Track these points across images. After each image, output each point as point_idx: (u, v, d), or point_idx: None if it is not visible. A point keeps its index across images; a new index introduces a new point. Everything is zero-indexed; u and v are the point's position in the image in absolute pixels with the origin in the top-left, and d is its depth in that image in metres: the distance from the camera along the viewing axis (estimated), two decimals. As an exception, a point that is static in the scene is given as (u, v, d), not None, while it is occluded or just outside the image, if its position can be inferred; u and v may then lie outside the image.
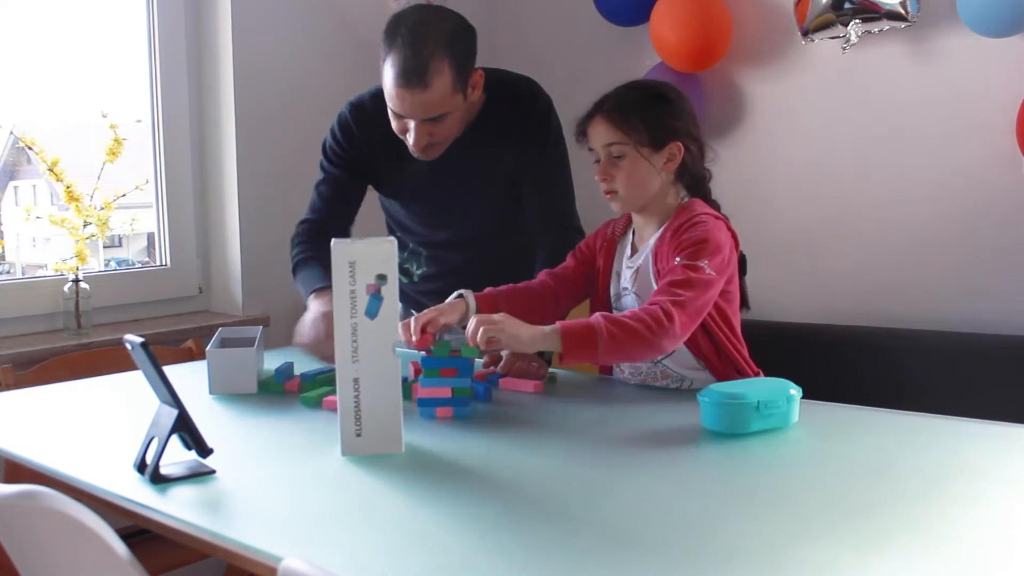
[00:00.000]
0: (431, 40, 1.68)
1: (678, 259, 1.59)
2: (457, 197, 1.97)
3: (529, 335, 1.52)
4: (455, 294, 1.69)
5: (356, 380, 1.35)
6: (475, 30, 1.77)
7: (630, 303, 1.72)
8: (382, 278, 1.33)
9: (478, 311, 1.65)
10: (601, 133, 1.67)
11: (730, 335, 1.68)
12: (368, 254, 1.33)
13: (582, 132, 1.71)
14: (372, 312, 1.33)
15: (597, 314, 1.55)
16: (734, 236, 1.69)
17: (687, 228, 1.63)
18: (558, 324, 1.53)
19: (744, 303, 1.74)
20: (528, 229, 1.98)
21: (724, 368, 1.68)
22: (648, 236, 1.73)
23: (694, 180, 1.72)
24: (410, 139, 1.76)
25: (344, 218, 2.02)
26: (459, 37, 1.73)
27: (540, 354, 1.80)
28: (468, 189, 1.96)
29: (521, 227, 1.99)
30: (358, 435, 1.36)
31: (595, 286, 1.80)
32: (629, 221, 1.80)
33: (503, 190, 1.96)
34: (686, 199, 1.72)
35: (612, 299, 1.77)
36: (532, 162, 1.93)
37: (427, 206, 2.01)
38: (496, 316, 1.53)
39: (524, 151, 1.91)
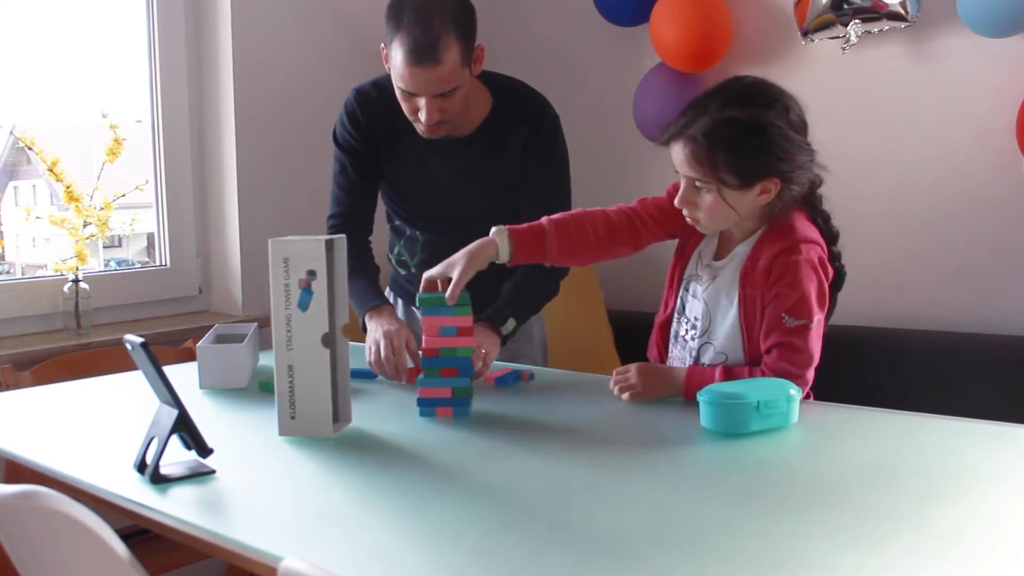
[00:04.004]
0: (438, 17, 1.74)
1: (785, 317, 1.54)
2: (458, 189, 2.00)
3: (670, 388, 1.62)
4: (493, 231, 1.68)
5: (290, 367, 1.44)
6: (474, 7, 1.84)
7: (697, 304, 1.67)
8: (312, 273, 1.43)
9: (513, 255, 1.67)
10: (683, 162, 1.55)
11: None
12: (300, 252, 1.43)
13: (665, 142, 1.58)
14: (303, 305, 1.43)
15: (722, 370, 1.57)
16: (825, 258, 1.64)
17: (783, 273, 1.55)
18: (683, 379, 1.60)
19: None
20: None
21: None
22: (737, 239, 1.64)
23: (797, 197, 1.60)
24: (422, 117, 1.81)
25: (368, 203, 2.07)
26: (462, 13, 1.80)
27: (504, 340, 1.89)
28: (469, 183, 2.00)
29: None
30: (292, 417, 1.45)
31: (679, 257, 1.74)
32: None
33: (503, 190, 1.98)
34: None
35: (684, 280, 1.72)
36: (534, 173, 1.98)
37: (428, 194, 2.03)
38: (631, 375, 1.64)
39: (528, 162, 1.97)
